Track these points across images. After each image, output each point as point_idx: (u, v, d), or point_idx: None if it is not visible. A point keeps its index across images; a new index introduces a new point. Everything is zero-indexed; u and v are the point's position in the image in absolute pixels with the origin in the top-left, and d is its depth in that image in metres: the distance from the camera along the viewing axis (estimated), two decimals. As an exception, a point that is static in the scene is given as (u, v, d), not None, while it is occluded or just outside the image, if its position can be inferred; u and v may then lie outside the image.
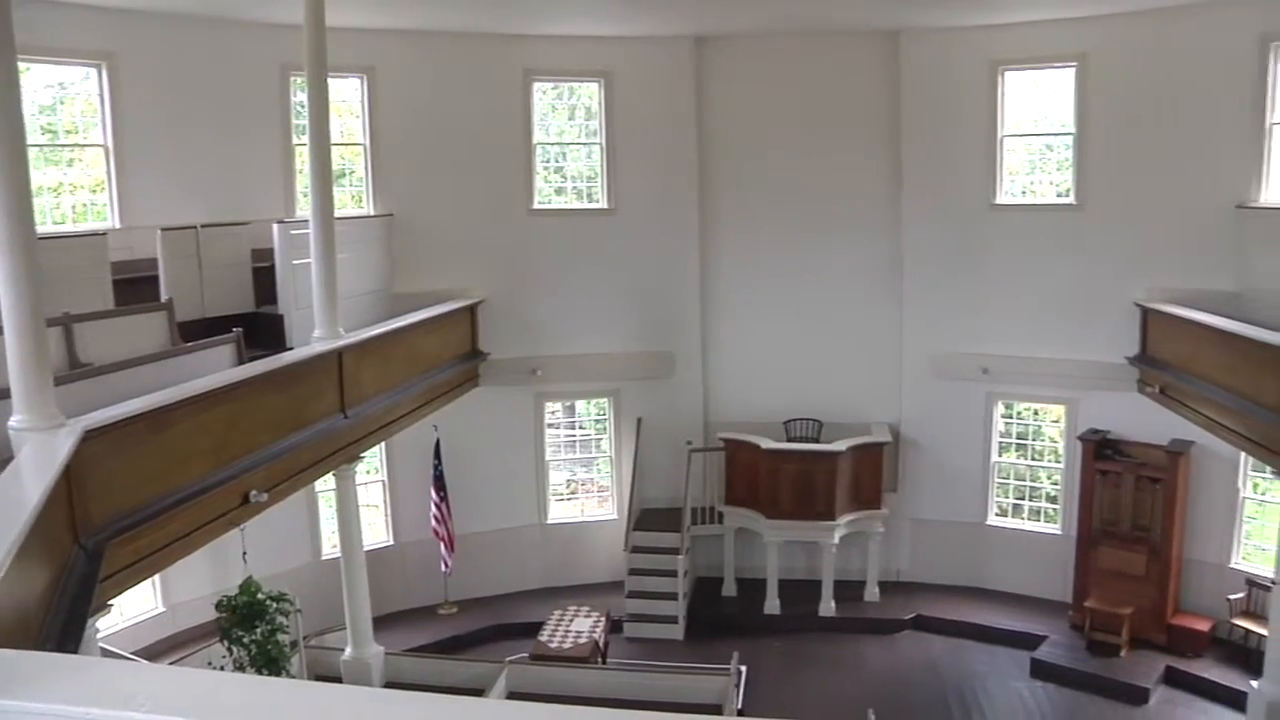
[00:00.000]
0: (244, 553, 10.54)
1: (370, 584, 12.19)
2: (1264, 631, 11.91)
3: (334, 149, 12.21)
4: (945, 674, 13.84)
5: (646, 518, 15.95)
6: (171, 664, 11.42)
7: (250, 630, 10.33)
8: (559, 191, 16.40)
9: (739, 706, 11.76)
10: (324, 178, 10.71)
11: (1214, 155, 13.51)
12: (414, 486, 15.30)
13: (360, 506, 12.39)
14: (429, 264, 14.86)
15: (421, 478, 15.07)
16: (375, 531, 15.23)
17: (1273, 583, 11.45)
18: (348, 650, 12.03)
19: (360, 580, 11.93)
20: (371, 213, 14.75)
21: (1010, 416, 15.96)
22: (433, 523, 14.95)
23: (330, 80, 10.85)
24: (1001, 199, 15.31)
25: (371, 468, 15.24)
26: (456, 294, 14.85)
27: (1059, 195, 15.26)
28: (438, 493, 14.90)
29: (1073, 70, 14.52)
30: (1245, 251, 13.17)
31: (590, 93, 15.99)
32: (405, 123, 14.82)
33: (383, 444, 13.99)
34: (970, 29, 14.78)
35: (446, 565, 15.12)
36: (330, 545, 14.34)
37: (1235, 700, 12.06)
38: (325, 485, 12.88)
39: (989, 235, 15.26)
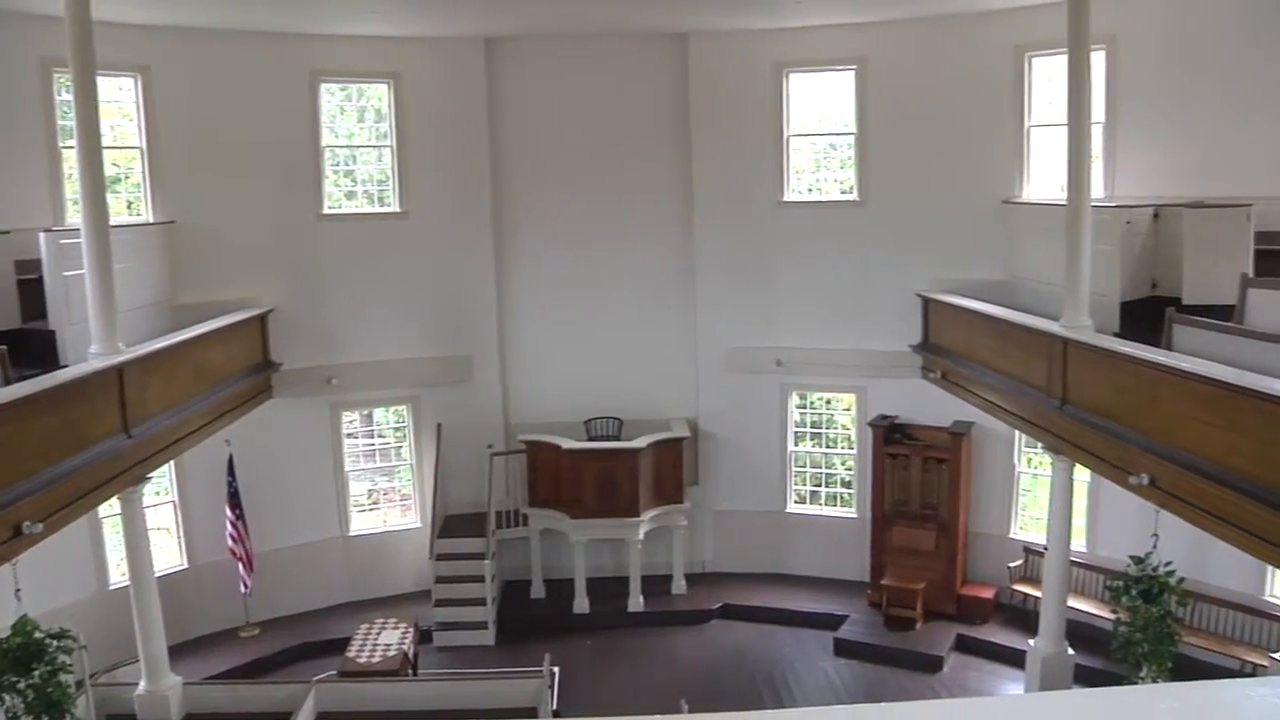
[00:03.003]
0: (17, 590, 9.76)
1: (164, 611, 11.57)
2: (1039, 594, 12.86)
3: (106, 152, 11.52)
4: (754, 659, 14.27)
5: (451, 524, 15.77)
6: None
7: (26, 674, 9.52)
8: (349, 195, 15.99)
9: (554, 707, 11.78)
10: (95, 183, 10.08)
11: (982, 154, 14.59)
12: (207, 505, 14.58)
13: (149, 530, 11.74)
14: (215, 273, 14.24)
15: (215, 496, 14.40)
16: (168, 555, 14.45)
17: (1045, 549, 12.36)
18: (142, 684, 11.37)
19: (152, 608, 11.31)
20: (151, 220, 13.97)
21: (804, 406, 16.60)
22: (229, 542, 14.31)
23: (100, 78, 10.22)
24: (789, 196, 15.91)
25: (161, 488, 14.46)
26: (245, 303, 14.29)
27: (843, 192, 15.98)
28: (233, 510, 14.27)
29: (852, 73, 15.25)
30: (1011, 243, 14.21)
31: (380, 94, 15.66)
32: (185, 125, 14.07)
33: (171, 463, 13.36)
34: (756, 32, 15.29)
35: (246, 585, 14.50)
36: (119, 573, 13.47)
37: (1017, 659, 13.02)
38: (110, 510, 12.17)
39: (778, 232, 15.82)
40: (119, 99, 13.88)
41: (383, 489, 16.72)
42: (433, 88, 15.53)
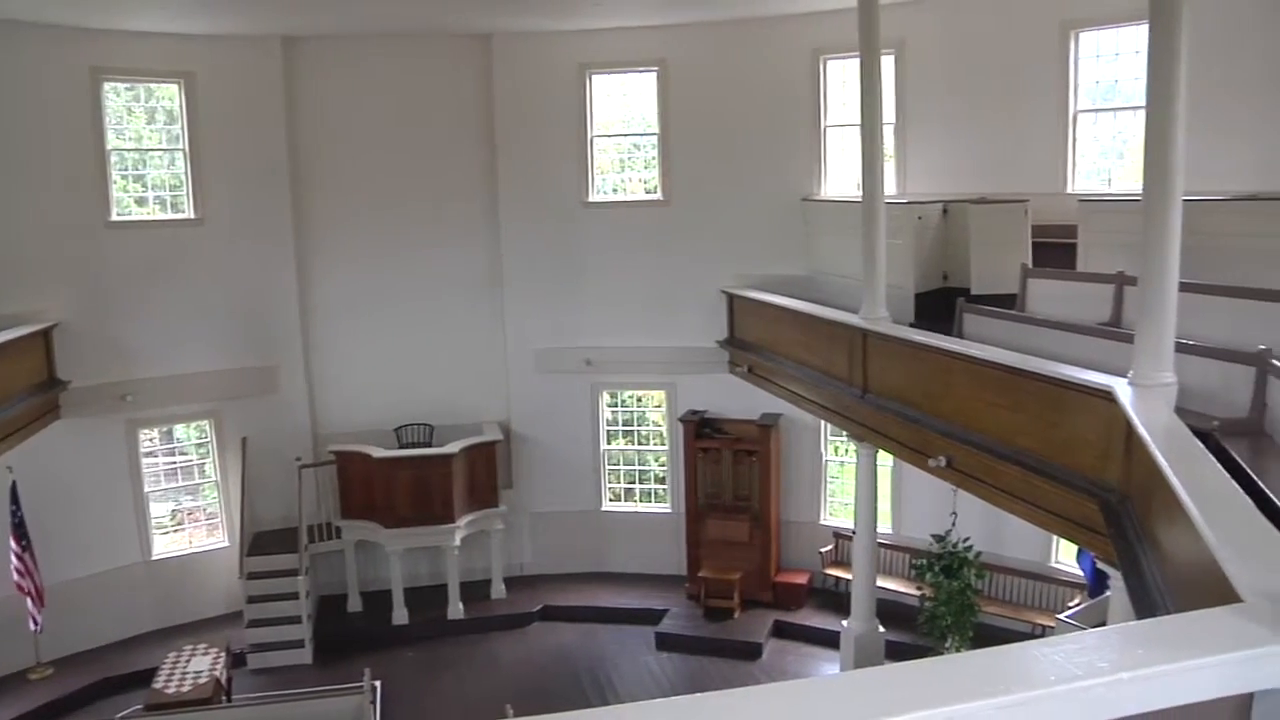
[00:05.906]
0: None
1: (-60, 655, 10.71)
2: (850, 577, 13.38)
3: None
4: (577, 659, 14.34)
5: (261, 541, 15.25)
6: None
7: None
8: (140, 202, 15.21)
9: (377, 722, 11.55)
10: None
11: (781, 154, 15.12)
12: (-12, 537, 13.58)
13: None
14: (-10, 286, 13.28)
15: (-3, 527, 13.43)
16: (-59, 595, 13.40)
17: (853, 533, 12.88)
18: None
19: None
20: (-88, 230, 12.94)
21: (615, 405, 16.79)
22: (15, 576, 13.29)
23: None
24: (594, 197, 16.04)
25: (-68, 522, 13.40)
26: (26, 318, 13.34)
27: (647, 192, 16.25)
28: (18, 542, 13.28)
29: (654, 74, 15.50)
30: (811, 239, 14.75)
31: (170, 94, 14.93)
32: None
33: (-56, 493, 12.39)
34: (559, 33, 15.35)
35: (36, 622, 13.50)
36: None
37: (832, 640, 13.58)
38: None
39: (584, 232, 15.96)
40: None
41: (187, 509, 15.97)
42: (228, 88, 14.91)
